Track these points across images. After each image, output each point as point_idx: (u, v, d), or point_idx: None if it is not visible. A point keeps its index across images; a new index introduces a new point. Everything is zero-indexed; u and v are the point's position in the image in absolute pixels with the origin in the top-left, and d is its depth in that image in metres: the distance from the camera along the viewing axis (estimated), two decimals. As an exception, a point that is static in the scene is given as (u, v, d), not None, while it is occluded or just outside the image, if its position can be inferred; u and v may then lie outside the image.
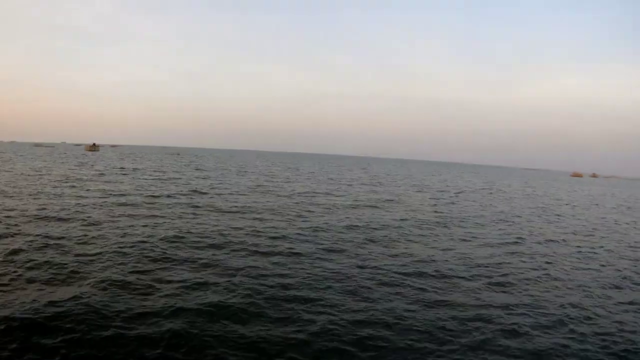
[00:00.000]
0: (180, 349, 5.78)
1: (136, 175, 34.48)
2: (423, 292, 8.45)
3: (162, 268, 8.97)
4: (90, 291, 7.40)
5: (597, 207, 30.84)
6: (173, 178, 32.63)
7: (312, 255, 10.75)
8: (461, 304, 7.94)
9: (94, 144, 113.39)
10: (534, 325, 7.24)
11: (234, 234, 12.64)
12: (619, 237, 17.39)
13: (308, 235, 13.07)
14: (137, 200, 18.68)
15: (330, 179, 41.46)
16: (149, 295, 7.41)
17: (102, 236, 11.46)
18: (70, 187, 22.44)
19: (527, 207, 26.53)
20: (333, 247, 11.79)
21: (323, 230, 14.09)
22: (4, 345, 5.55)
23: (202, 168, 50.30)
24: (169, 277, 8.40)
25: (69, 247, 10.21)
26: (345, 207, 20.36)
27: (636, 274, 11.32)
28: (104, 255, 9.59)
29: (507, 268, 10.83)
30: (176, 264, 9.32)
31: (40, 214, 14.24)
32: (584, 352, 6.44)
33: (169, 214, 15.63)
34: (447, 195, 31.08)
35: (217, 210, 17.09)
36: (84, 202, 17.41)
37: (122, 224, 13.25)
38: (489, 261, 11.44)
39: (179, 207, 17.38)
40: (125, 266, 8.89)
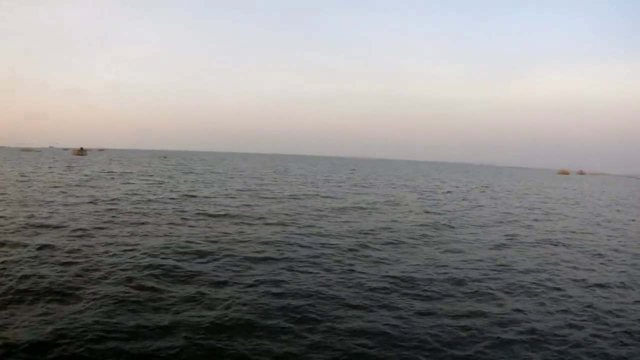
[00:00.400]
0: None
1: (125, 179, 34.17)
2: (418, 300, 8.49)
3: (157, 279, 8.86)
4: (86, 306, 7.28)
5: (589, 204, 31.20)
6: (161, 182, 32.40)
7: (301, 262, 10.72)
8: (465, 313, 7.99)
9: (82, 148, 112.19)
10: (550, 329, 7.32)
11: (225, 240, 12.57)
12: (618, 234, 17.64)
13: (297, 241, 13.03)
14: (127, 207, 18.50)
15: (321, 180, 41.42)
16: (146, 310, 7.32)
17: (93, 246, 11.30)
18: (59, 194, 22.14)
19: (523, 206, 26.71)
20: (325, 252, 11.77)
21: (315, 235, 14.08)
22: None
23: (191, 171, 49.98)
24: (165, 289, 8.30)
25: (60, 258, 10.03)
26: (336, 209, 20.36)
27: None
28: (96, 267, 9.45)
29: (511, 271, 10.90)
30: (170, 275, 9.21)
31: (29, 222, 14.02)
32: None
33: (159, 220, 15.49)
34: (437, 196, 31.21)
35: (207, 215, 16.97)
36: (74, 209, 17.19)
37: (113, 232, 13.11)
38: (485, 264, 11.51)
39: (169, 213, 17.25)
40: (118, 278, 8.77)
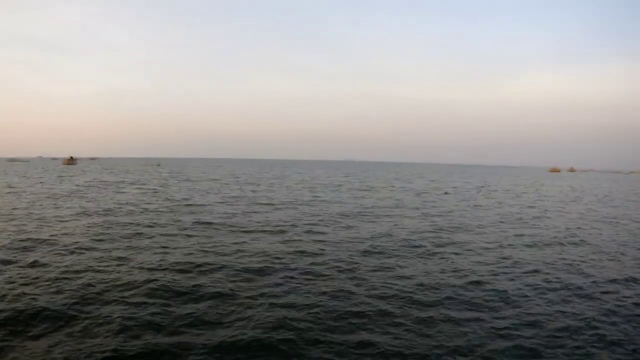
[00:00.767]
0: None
1: (118, 188, 33.43)
2: (439, 308, 8.00)
3: (157, 297, 8.23)
4: (86, 330, 6.70)
5: (587, 200, 30.95)
6: (156, 190, 31.70)
7: (304, 272, 10.19)
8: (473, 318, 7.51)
9: (72, 158, 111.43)
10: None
11: (224, 252, 11.98)
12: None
13: (299, 250, 12.52)
14: (121, 218, 17.86)
15: (319, 185, 40.95)
16: (149, 332, 6.74)
17: (87, 262, 10.65)
18: (50, 206, 21.42)
19: (524, 205, 26.35)
20: (329, 262, 11.25)
21: (317, 242, 13.56)
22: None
23: (187, 179, 49.27)
24: (166, 307, 7.68)
25: (53, 276, 9.40)
26: (335, 215, 19.85)
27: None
28: (92, 285, 8.76)
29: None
30: (171, 291, 8.57)
31: (21, 237, 13.31)
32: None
33: (154, 232, 14.87)
34: (436, 197, 30.82)
35: (205, 224, 16.38)
36: (66, 222, 16.53)
37: (107, 246, 12.46)
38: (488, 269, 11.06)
39: (165, 223, 16.63)
40: (117, 297, 8.15)
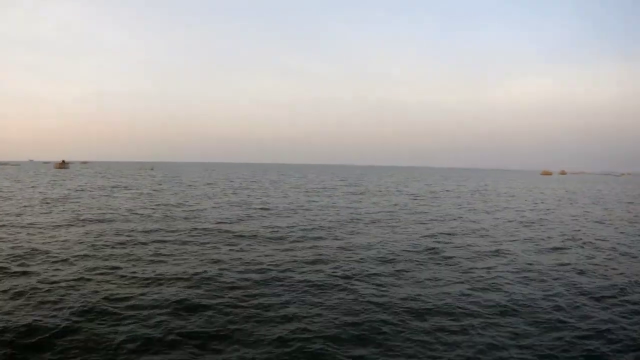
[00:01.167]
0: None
1: (112, 193, 32.95)
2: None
3: (161, 315, 7.73)
4: (99, 349, 6.35)
5: (582, 203, 30.97)
6: (150, 194, 31.28)
7: (306, 283, 9.90)
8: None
9: (63, 161, 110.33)
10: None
11: (222, 260, 11.68)
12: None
13: (299, 258, 12.22)
14: (118, 225, 17.44)
15: (314, 190, 40.69)
16: (161, 348, 6.42)
17: (82, 276, 10.21)
18: (43, 212, 20.95)
19: (526, 209, 26.28)
20: (330, 270, 10.95)
21: (313, 248, 13.28)
22: None
23: (181, 183, 48.79)
24: (176, 325, 7.27)
25: (45, 295, 8.95)
26: (334, 222, 19.59)
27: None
28: (88, 305, 8.19)
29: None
30: (180, 306, 8.11)
31: (15, 246, 12.89)
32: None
33: (150, 239, 14.48)
34: (433, 200, 30.65)
35: (202, 231, 16.03)
36: (58, 230, 16.11)
37: (103, 254, 12.09)
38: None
39: (162, 230, 16.26)
40: (123, 314, 7.75)
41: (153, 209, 23.02)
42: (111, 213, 20.87)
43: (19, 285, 9.10)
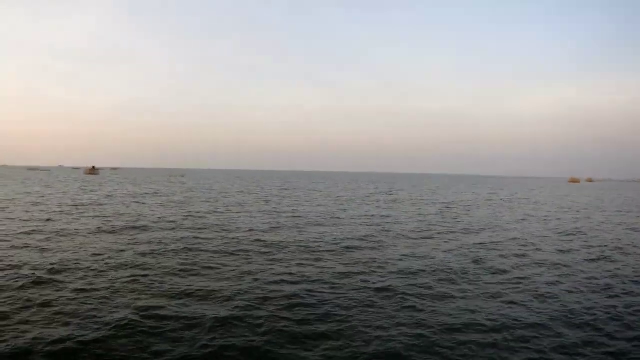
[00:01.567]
0: None
1: (144, 200, 33.09)
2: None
3: (210, 332, 7.27)
4: None
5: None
6: (181, 202, 31.25)
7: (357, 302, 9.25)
8: None
9: (94, 167, 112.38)
10: None
11: (262, 277, 11.15)
12: None
13: (340, 275, 11.59)
14: (152, 235, 17.23)
15: (344, 199, 40.05)
16: None
17: (135, 288, 9.93)
18: (74, 219, 21.01)
19: (563, 218, 24.91)
20: (369, 286, 10.27)
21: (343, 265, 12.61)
22: None
23: (219, 190, 48.88)
24: (217, 344, 6.87)
25: (94, 305, 8.69)
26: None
27: None
28: (156, 320, 7.69)
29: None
30: (222, 325, 7.78)
31: (45, 254, 12.76)
32: None
33: (191, 253, 14.12)
34: (468, 210, 29.51)
35: (239, 244, 15.60)
36: (93, 240, 15.97)
37: (140, 262, 11.70)
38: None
39: (199, 242, 15.92)
40: (169, 335, 7.29)
41: (185, 217, 22.83)
42: (143, 220, 20.75)
43: (49, 295, 8.82)
